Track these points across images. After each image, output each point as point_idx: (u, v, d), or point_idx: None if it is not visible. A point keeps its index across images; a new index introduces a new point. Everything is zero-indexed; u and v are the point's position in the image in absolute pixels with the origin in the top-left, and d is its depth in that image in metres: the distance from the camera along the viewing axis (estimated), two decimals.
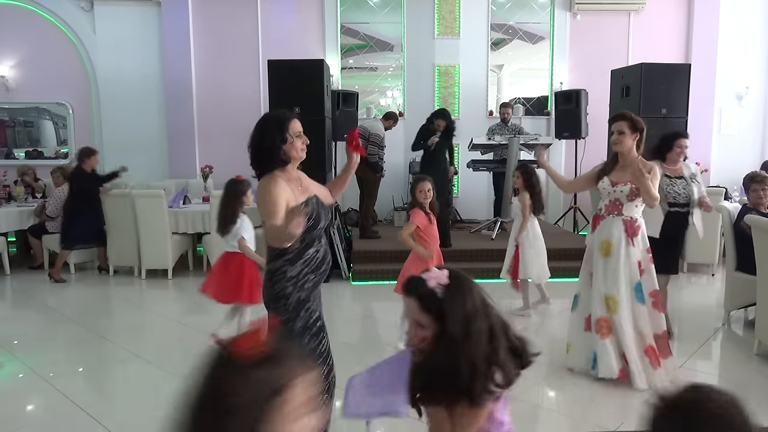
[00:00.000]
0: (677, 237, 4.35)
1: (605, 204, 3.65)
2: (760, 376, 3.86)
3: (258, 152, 2.53)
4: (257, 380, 0.94)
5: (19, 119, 8.62)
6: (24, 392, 3.69)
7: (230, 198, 4.20)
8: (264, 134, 2.53)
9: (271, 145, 2.51)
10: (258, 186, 2.49)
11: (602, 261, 3.62)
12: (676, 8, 8.65)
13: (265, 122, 2.59)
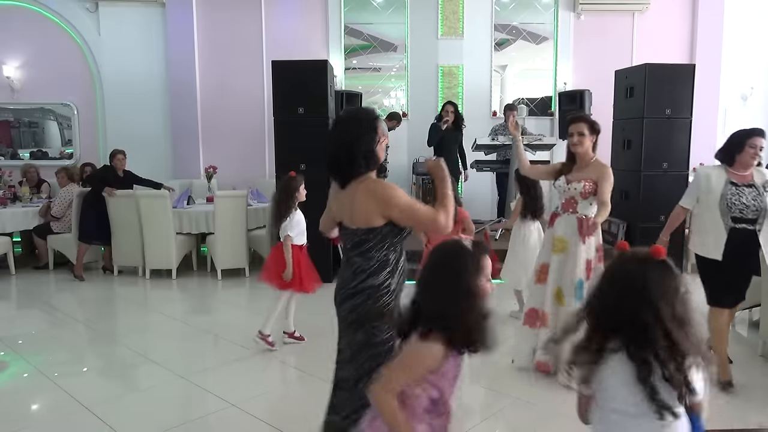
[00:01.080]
0: (745, 260, 3.53)
1: (561, 202, 3.76)
2: (764, 377, 3.85)
3: (353, 154, 2.23)
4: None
5: (24, 120, 8.66)
6: (29, 392, 3.71)
7: (284, 194, 4.34)
8: (361, 135, 2.25)
9: (368, 147, 2.25)
10: (368, 189, 2.21)
11: (556, 258, 3.69)
12: (680, 8, 8.63)
13: (360, 123, 2.29)
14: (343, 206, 2.27)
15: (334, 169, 2.28)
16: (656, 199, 6.27)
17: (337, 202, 2.33)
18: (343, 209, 2.27)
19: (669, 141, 6.35)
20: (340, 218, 2.32)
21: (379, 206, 2.17)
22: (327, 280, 6.23)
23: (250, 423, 3.18)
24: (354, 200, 2.20)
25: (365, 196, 2.19)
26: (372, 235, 2.20)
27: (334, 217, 2.38)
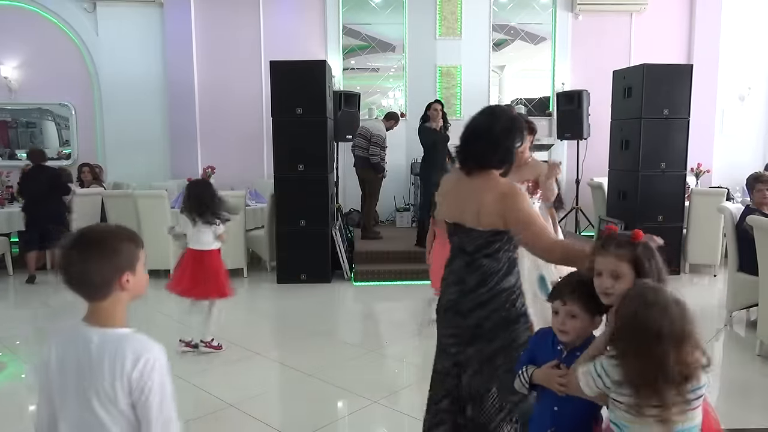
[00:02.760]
0: None
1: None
2: (762, 377, 3.86)
3: (497, 146, 2.18)
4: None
5: (21, 120, 8.64)
6: (27, 393, 3.70)
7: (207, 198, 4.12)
8: (512, 131, 2.20)
9: (512, 145, 2.21)
10: (500, 192, 2.14)
11: (526, 260, 3.65)
12: (678, 9, 8.65)
13: (514, 121, 2.23)
14: (465, 205, 2.16)
15: (470, 156, 2.19)
16: (654, 199, 6.28)
17: (454, 199, 2.21)
18: (465, 209, 2.16)
19: (667, 141, 6.36)
20: (457, 218, 2.19)
21: (505, 212, 2.11)
22: (326, 280, 6.26)
23: (249, 423, 3.17)
24: (483, 200, 2.12)
25: (496, 196, 2.12)
26: (499, 236, 2.13)
27: (444, 217, 2.26)
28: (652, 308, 1.52)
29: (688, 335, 1.50)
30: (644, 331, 1.50)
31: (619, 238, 1.81)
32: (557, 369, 1.79)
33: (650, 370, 1.48)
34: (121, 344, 1.38)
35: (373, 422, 3.30)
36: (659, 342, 1.48)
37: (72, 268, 1.39)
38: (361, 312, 5.55)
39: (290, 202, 6.16)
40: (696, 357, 1.51)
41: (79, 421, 1.38)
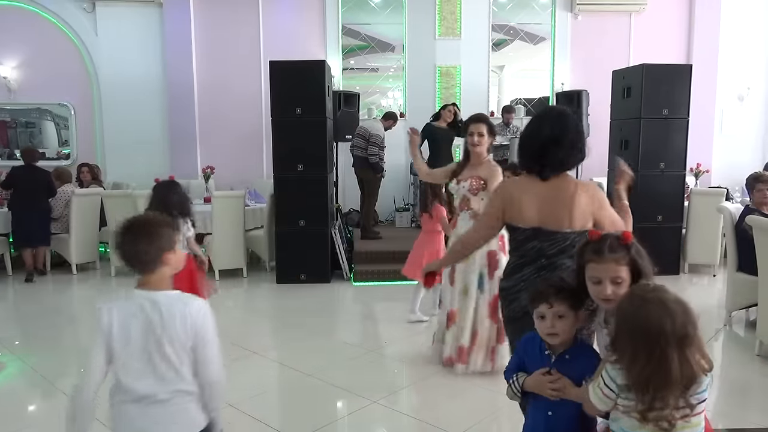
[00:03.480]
0: None
1: (458, 203, 3.90)
2: (761, 377, 3.86)
3: (571, 148, 2.21)
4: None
5: (20, 120, 8.64)
6: (26, 392, 3.71)
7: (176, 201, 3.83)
8: (581, 133, 2.26)
9: (582, 146, 2.25)
10: (589, 192, 2.21)
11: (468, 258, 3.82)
12: (677, 9, 8.66)
13: (579, 121, 2.30)
14: (553, 208, 2.18)
15: (550, 163, 2.19)
16: (653, 199, 6.28)
17: (536, 204, 2.19)
18: (554, 212, 2.17)
19: (666, 141, 6.36)
20: (540, 222, 2.18)
21: (598, 210, 2.18)
22: (326, 280, 6.25)
23: (249, 423, 3.17)
24: (576, 203, 2.16)
25: (593, 201, 2.18)
26: (581, 236, 2.13)
27: (520, 223, 2.21)
28: (652, 306, 1.50)
29: (691, 335, 1.48)
30: (645, 330, 1.48)
31: (610, 242, 1.78)
32: (548, 375, 1.78)
33: (653, 371, 1.46)
34: (185, 301, 1.78)
35: (373, 422, 3.30)
36: (661, 341, 1.46)
37: (125, 250, 1.78)
38: (360, 312, 5.55)
39: (290, 202, 6.15)
40: (698, 359, 1.50)
41: (148, 366, 1.73)
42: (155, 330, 1.74)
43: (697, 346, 1.50)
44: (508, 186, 2.37)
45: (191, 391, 1.78)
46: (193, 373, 1.78)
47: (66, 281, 6.52)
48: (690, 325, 1.48)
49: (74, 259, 6.74)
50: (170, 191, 3.80)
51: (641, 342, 1.48)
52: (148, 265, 1.78)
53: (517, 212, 2.22)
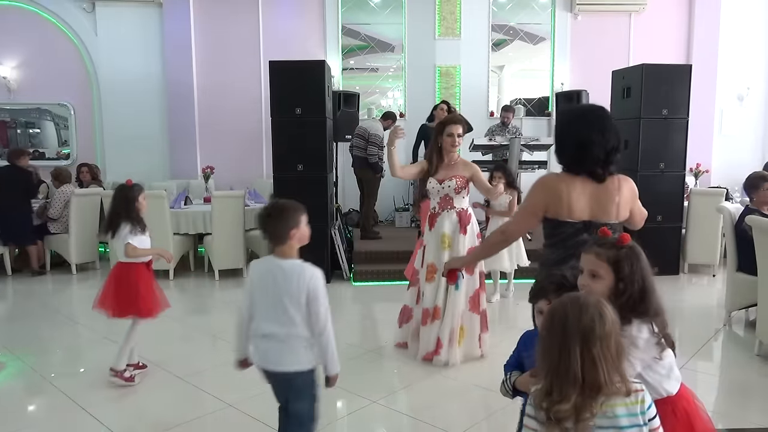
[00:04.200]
0: None
1: (437, 202, 4.00)
2: (761, 377, 3.86)
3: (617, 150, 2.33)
4: None
5: (20, 120, 8.64)
6: (26, 392, 3.70)
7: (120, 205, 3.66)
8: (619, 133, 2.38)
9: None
10: (631, 185, 2.42)
11: (446, 254, 3.92)
12: (676, 9, 8.66)
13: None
14: (603, 201, 2.30)
15: (613, 165, 2.31)
16: (653, 199, 6.26)
17: (587, 198, 2.29)
18: (603, 204, 2.30)
19: (666, 141, 6.37)
20: (591, 216, 2.29)
21: (634, 200, 2.41)
22: (325, 280, 6.23)
23: (248, 423, 3.17)
24: (621, 195, 2.33)
25: (632, 193, 2.39)
26: (621, 226, 2.36)
27: (569, 217, 2.30)
28: (567, 304, 1.49)
29: (599, 336, 1.44)
30: (554, 324, 1.47)
31: (607, 239, 1.81)
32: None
33: (555, 361, 1.45)
34: (302, 267, 2.31)
35: (373, 422, 3.29)
36: (565, 334, 1.44)
37: (266, 227, 2.33)
38: (360, 312, 5.55)
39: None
40: (610, 371, 1.44)
41: (272, 312, 2.29)
42: (278, 286, 2.28)
43: (612, 359, 1.44)
44: (552, 182, 2.33)
45: (302, 336, 2.28)
46: (306, 323, 2.27)
47: (66, 281, 6.52)
48: (600, 325, 1.44)
49: (74, 259, 6.74)
50: (120, 193, 3.68)
51: (551, 334, 1.48)
52: (280, 239, 2.32)
53: (566, 208, 2.28)
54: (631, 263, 1.76)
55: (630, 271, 1.75)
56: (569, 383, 1.42)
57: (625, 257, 1.76)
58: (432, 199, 4.03)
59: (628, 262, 1.76)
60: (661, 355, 1.79)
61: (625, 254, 1.77)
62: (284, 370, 2.31)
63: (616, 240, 1.80)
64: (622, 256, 1.76)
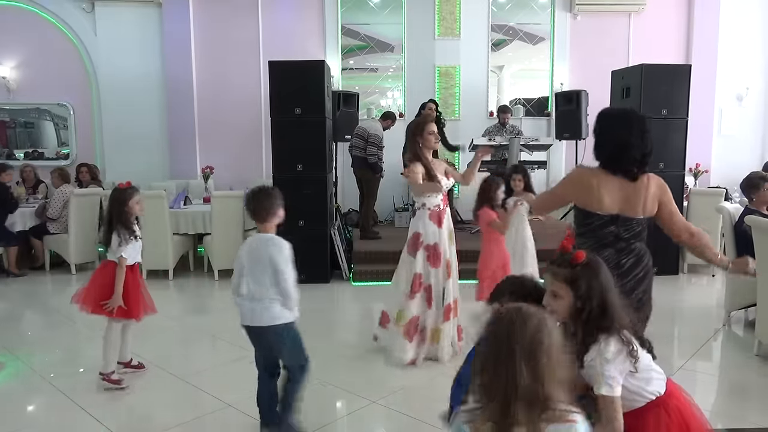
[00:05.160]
0: None
1: (441, 200, 4.03)
2: (760, 377, 3.87)
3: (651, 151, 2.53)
4: None
5: (19, 120, 8.63)
6: (25, 392, 3.70)
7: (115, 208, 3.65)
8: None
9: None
10: (660, 181, 2.59)
11: (453, 248, 4.08)
12: (676, 9, 8.66)
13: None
14: (631, 198, 2.45)
15: (643, 165, 2.47)
16: None
17: (618, 193, 2.44)
18: (632, 201, 2.45)
19: (665, 141, 6.37)
20: (620, 210, 2.45)
21: (663, 195, 2.54)
22: (325, 280, 6.25)
23: (248, 423, 3.17)
24: (649, 192, 2.47)
25: (659, 187, 2.52)
26: (648, 222, 2.52)
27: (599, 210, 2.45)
28: (511, 314, 1.41)
29: (544, 349, 1.36)
30: (495, 336, 1.39)
31: (563, 257, 1.81)
32: None
33: (500, 381, 1.35)
34: (270, 239, 2.80)
35: (372, 422, 3.30)
36: (510, 350, 1.34)
37: (250, 207, 2.84)
38: (359, 312, 5.55)
39: (289, 202, 6.10)
40: (554, 388, 1.36)
41: (253, 274, 2.78)
42: (254, 255, 2.79)
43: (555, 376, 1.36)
44: (585, 176, 2.48)
45: (273, 297, 2.78)
46: (274, 284, 2.76)
47: (65, 281, 6.51)
48: (546, 337, 1.37)
49: (73, 259, 6.74)
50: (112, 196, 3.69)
51: (492, 351, 1.38)
52: (263, 218, 2.82)
53: (597, 201, 2.44)
54: (588, 280, 1.76)
55: (587, 288, 1.75)
56: (518, 404, 1.32)
57: (581, 275, 1.76)
58: (436, 197, 4.01)
59: (585, 280, 1.76)
60: (636, 367, 1.77)
61: (580, 272, 1.77)
62: (261, 324, 2.81)
63: (571, 258, 1.80)
64: (577, 275, 1.76)
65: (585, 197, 2.46)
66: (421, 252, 4.00)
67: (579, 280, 1.76)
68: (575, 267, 1.78)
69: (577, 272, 1.77)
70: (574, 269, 1.78)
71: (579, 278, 1.76)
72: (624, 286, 2.36)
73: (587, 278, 1.77)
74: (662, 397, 1.83)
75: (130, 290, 3.64)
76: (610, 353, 1.74)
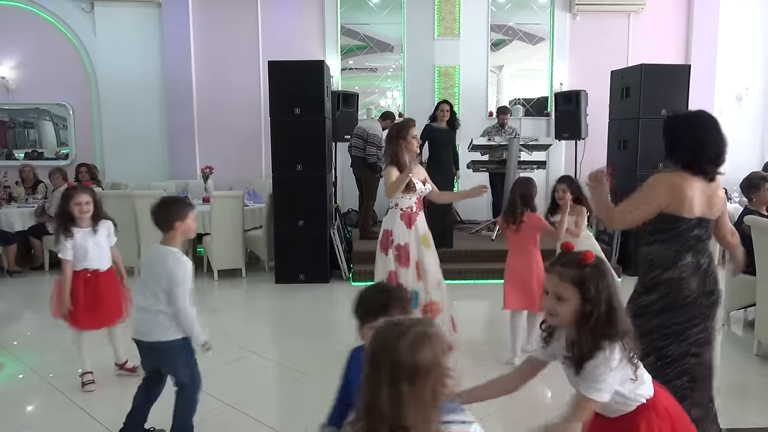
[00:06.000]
0: None
1: (414, 202, 4.05)
2: (759, 377, 3.87)
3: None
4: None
5: (19, 120, 8.63)
6: (24, 393, 3.70)
7: (60, 208, 3.62)
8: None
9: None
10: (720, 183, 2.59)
11: (429, 251, 4.01)
12: (675, 9, 8.67)
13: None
14: (711, 199, 2.50)
15: (719, 164, 2.52)
16: None
17: (701, 196, 2.47)
18: (711, 202, 2.50)
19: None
20: (704, 213, 2.48)
21: (721, 201, 2.57)
22: (324, 280, 6.25)
23: (248, 423, 3.17)
24: (720, 192, 2.55)
25: (721, 190, 2.57)
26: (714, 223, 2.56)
27: (688, 213, 2.46)
28: (386, 331, 1.29)
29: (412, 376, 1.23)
30: (370, 353, 1.28)
31: (569, 257, 1.73)
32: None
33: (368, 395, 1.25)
34: (169, 253, 2.70)
35: None
36: (374, 368, 1.25)
37: (154, 216, 2.76)
38: None
39: (288, 202, 6.16)
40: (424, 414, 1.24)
41: (146, 289, 2.70)
42: (149, 268, 2.74)
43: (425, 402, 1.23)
44: (677, 180, 2.47)
45: (165, 311, 2.69)
46: (167, 300, 2.68)
47: None
48: (416, 358, 1.23)
49: None
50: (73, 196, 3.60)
51: (364, 364, 1.29)
52: (164, 228, 2.75)
53: (688, 205, 2.44)
54: (597, 283, 1.67)
55: (596, 292, 1.67)
56: (377, 422, 1.22)
57: (590, 277, 1.67)
58: (409, 199, 4.04)
59: (593, 282, 1.67)
60: (636, 374, 1.74)
61: (589, 274, 1.68)
62: (149, 340, 2.72)
63: (579, 258, 1.71)
64: (586, 276, 1.67)
65: (678, 202, 2.44)
66: (392, 250, 4.03)
67: (588, 281, 1.67)
68: (584, 268, 1.69)
69: (586, 273, 1.68)
70: (583, 270, 1.68)
71: (588, 279, 1.67)
72: (706, 286, 2.48)
73: (596, 280, 1.68)
74: (652, 399, 1.81)
75: (75, 297, 3.52)
76: (615, 361, 1.69)
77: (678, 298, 2.46)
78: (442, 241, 6.40)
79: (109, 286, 3.66)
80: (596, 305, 1.67)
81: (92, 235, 3.55)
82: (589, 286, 1.67)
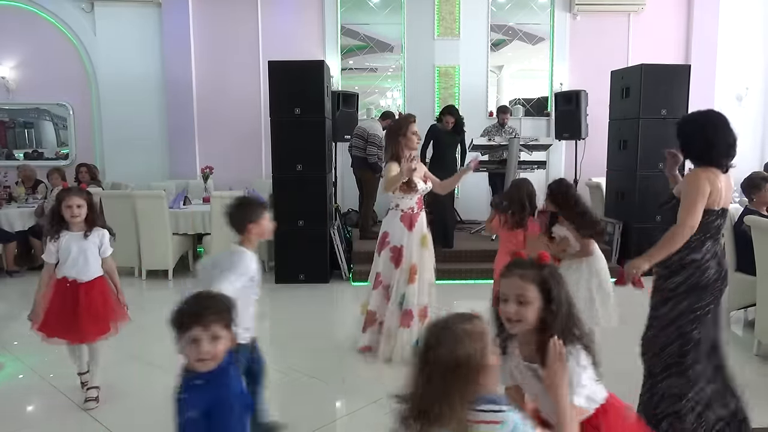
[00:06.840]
0: None
1: (415, 202, 4.04)
2: (759, 377, 3.87)
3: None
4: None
5: (19, 120, 8.63)
6: (25, 393, 3.70)
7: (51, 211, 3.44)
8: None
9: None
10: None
11: (426, 251, 4.01)
12: (675, 9, 8.67)
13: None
14: (729, 191, 2.67)
15: (731, 156, 2.66)
16: (652, 199, 6.27)
17: (724, 190, 2.63)
18: (729, 193, 2.66)
19: (665, 141, 6.34)
20: (725, 204, 2.65)
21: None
22: (324, 280, 6.25)
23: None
24: (730, 184, 2.69)
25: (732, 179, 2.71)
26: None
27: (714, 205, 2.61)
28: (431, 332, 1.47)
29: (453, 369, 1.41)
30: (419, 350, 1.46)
31: (524, 261, 1.74)
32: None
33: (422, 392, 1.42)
34: (240, 250, 2.82)
35: (372, 422, 3.29)
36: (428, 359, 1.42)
37: (228, 218, 2.81)
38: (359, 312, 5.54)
39: (288, 202, 6.16)
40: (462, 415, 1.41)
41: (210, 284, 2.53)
42: (217, 267, 2.79)
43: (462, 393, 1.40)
44: (711, 176, 2.61)
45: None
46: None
47: None
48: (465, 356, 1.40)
49: None
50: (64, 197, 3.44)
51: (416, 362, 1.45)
52: (238, 230, 2.85)
53: (719, 197, 2.60)
54: (558, 283, 1.68)
55: (558, 292, 1.67)
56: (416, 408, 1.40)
57: (551, 276, 1.68)
58: (410, 200, 4.02)
59: (554, 281, 1.68)
60: (598, 374, 1.74)
61: (549, 273, 1.69)
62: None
63: (536, 260, 1.72)
64: (547, 276, 1.68)
65: (713, 196, 2.59)
66: (386, 251, 4.04)
67: (549, 281, 1.67)
68: (544, 268, 1.70)
69: (546, 273, 1.68)
70: (543, 270, 1.69)
71: (549, 279, 1.68)
72: (722, 270, 2.64)
73: (556, 280, 1.69)
74: (608, 400, 1.79)
75: (50, 305, 3.27)
76: (583, 360, 1.69)
77: (701, 279, 2.62)
78: (443, 241, 6.42)
79: (90, 300, 3.28)
80: (560, 305, 1.67)
81: (80, 241, 3.26)
82: (552, 285, 1.68)
